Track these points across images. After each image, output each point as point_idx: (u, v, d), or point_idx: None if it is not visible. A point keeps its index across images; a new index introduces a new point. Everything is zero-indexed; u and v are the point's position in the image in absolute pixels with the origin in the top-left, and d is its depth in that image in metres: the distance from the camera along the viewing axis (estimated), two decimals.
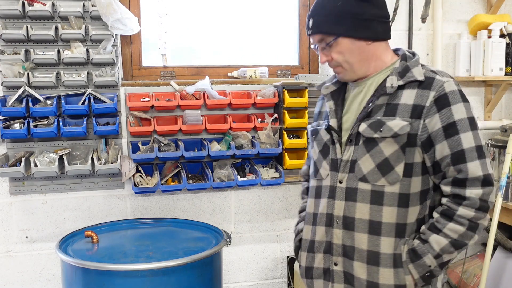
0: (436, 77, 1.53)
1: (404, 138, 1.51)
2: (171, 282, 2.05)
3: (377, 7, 1.57)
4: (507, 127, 2.85)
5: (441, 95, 1.50)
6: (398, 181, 1.52)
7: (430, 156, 1.52)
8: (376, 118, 1.54)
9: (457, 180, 1.49)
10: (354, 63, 1.59)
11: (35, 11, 2.48)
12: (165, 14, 2.83)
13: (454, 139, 1.48)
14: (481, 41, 3.00)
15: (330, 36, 1.56)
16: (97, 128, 2.52)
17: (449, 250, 1.50)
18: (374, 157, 1.54)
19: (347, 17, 1.54)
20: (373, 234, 1.55)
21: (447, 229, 1.49)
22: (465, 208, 1.48)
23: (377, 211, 1.54)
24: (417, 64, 1.58)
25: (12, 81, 2.47)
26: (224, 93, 2.75)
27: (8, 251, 2.66)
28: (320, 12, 1.57)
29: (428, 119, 1.50)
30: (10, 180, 2.61)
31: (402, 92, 1.54)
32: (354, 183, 1.57)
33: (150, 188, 2.59)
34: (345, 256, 1.59)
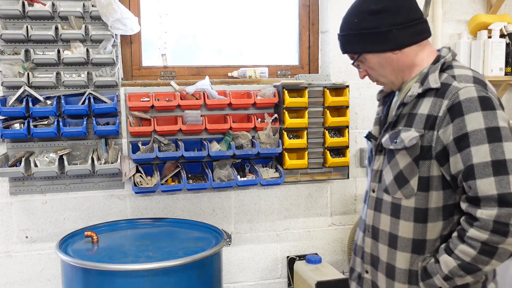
0: (453, 83, 1.42)
1: (416, 151, 1.44)
2: (171, 282, 2.05)
3: (394, 15, 1.49)
4: None
5: (454, 104, 1.39)
6: (413, 195, 1.46)
7: (447, 170, 1.42)
8: (398, 128, 1.50)
9: (470, 198, 1.38)
10: (388, 75, 1.55)
11: (35, 11, 2.48)
12: (165, 14, 2.83)
13: (465, 152, 1.36)
14: (481, 41, 3.01)
15: (355, 54, 1.56)
16: (97, 128, 2.52)
17: (458, 273, 1.40)
18: (392, 168, 1.50)
19: (364, 33, 1.51)
20: (391, 247, 1.52)
21: (458, 250, 1.39)
22: (477, 230, 1.35)
23: (395, 224, 1.50)
24: (436, 69, 1.48)
25: (12, 81, 2.47)
26: (224, 93, 2.75)
27: (8, 251, 2.66)
28: (343, 32, 1.56)
29: (441, 130, 1.40)
30: (10, 180, 2.61)
31: (422, 100, 1.47)
32: (381, 194, 1.55)
33: (150, 188, 2.59)
34: (372, 266, 1.60)
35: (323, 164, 2.87)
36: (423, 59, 1.53)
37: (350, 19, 1.54)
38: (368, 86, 3.01)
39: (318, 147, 2.85)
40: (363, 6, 1.51)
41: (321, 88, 2.82)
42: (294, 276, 2.89)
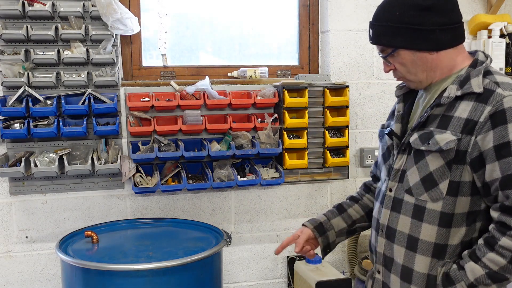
0: (497, 90, 1.38)
1: (450, 154, 1.40)
2: (171, 282, 2.05)
3: (440, 15, 1.43)
4: None
5: (497, 111, 1.35)
6: (441, 198, 1.42)
7: (480, 176, 1.39)
8: (429, 129, 1.45)
9: (504, 207, 1.35)
10: (418, 73, 1.50)
11: (35, 11, 2.48)
12: (165, 14, 2.83)
13: (506, 161, 1.33)
14: (481, 41, 3.00)
15: (389, 48, 1.49)
16: (97, 128, 2.52)
17: (485, 282, 1.37)
18: (420, 170, 1.45)
19: (406, 28, 1.44)
20: (409, 250, 1.48)
21: (486, 258, 1.36)
22: (509, 239, 1.33)
23: (417, 226, 1.46)
24: (479, 73, 1.43)
25: (12, 81, 2.47)
26: (224, 93, 2.75)
27: (8, 251, 2.66)
28: (379, 22, 1.49)
29: (480, 136, 1.37)
30: (10, 180, 2.61)
31: (460, 103, 1.42)
32: (401, 194, 1.50)
33: (150, 188, 2.59)
34: (385, 266, 1.56)
35: (323, 164, 2.87)
36: (457, 63, 1.49)
37: (391, 10, 1.46)
38: (368, 86, 3.01)
39: (318, 147, 2.85)
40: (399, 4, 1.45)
41: (321, 88, 2.82)
42: (294, 276, 2.89)
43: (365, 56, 2.99)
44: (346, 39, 2.96)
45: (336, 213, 1.77)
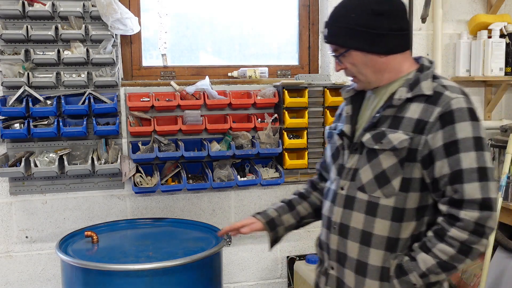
0: (445, 92, 1.48)
1: (403, 153, 1.48)
2: (171, 282, 2.05)
3: (391, 21, 1.52)
4: (507, 127, 2.85)
5: (446, 112, 1.45)
6: (394, 194, 1.50)
7: (430, 173, 1.47)
8: (381, 129, 1.52)
9: (453, 200, 1.44)
10: (368, 74, 1.57)
11: (35, 11, 2.48)
12: (165, 14, 2.83)
13: (454, 158, 1.43)
14: (481, 41, 3.00)
15: (342, 48, 1.55)
16: (97, 128, 2.52)
17: (435, 271, 1.46)
18: (373, 168, 1.52)
19: (360, 30, 1.51)
20: (363, 245, 1.54)
21: (436, 249, 1.44)
22: (458, 230, 1.42)
23: (370, 222, 1.53)
24: (428, 77, 1.53)
25: (12, 81, 2.47)
26: (224, 93, 2.75)
27: (8, 251, 2.66)
28: (335, 23, 1.56)
29: (430, 135, 1.45)
30: (10, 180, 2.61)
31: (410, 105, 1.50)
32: (353, 192, 1.56)
33: (150, 188, 2.59)
34: (338, 262, 1.61)
35: None
36: (404, 68, 1.57)
37: (347, 12, 1.54)
38: None
39: (318, 147, 2.85)
40: (364, 3, 1.52)
41: (321, 88, 2.82)
42: (294, 276, 2.89)
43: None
44: None
45: (287, 209, 1.85)
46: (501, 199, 2.60)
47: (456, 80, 3.14)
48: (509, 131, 2.80)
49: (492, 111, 3.22)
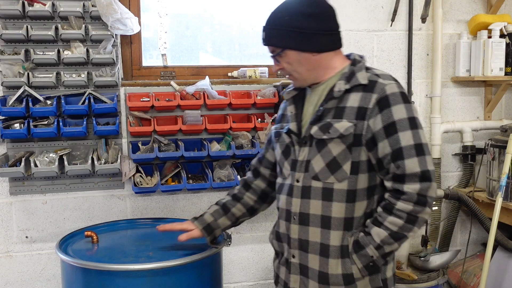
0: (379, 80, 1.65)
1: (350, 138, 1.63)
2: (171, 282, 2.04)
3: (322, 22, 1.67)
4: (507, 127, 2.85)
5: (382, 97, 1.62)
6: (346, 178, 1.64)
7: (374, 154, 1.63)
8: (326, 120, 1.67)
9: (396, 176, 1.60)
10: (303, 72, 1.71)
11: (35, 11, 2.48)
12: (165, 14, 2.83)
13: (393, 137, 1.59)
14: (481, 41, 3.00)
15: (278, 48, 1.70)
16: (97, 128, 2.52)
17: (388, 241, 1.61)
18: (324, 156, 1.66)
19: (293, 31, 1.66)
20: (324, 228, 1.67)
21: (387, 222, 1.60)
22: (404, 202, 1.58)
23: (328, 206, 1.66)
24: (362, 68, 1.70)
25: (12, 81, 2.47)
26: (224, 93, 2.75)
27: (8, 251, 2.66)
28: (271, 26, 1.71)
29: (371, 120, 1.62)
30: (10, 180, 2.61)
31: (349, 95, 1.66)
32: (308, 182, 1.69)
33: (150, 188, 2.59)
34: (301, 249, 1.73)
35: None
36: (337, 64, 1.73)
37: (281, 16, 1.68)
38: None
39: None
40: (296, 7, 1.67)
41: None
42: None
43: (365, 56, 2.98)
44: (346, 39, 2.92)
45: (222, 213, 2.03)
46: (501, 199, 2.60)
47: (456, 80, 3.14)
48: (509, 131, 2.80)
49: (492, 111, 3.22)
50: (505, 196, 2.67)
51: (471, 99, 3.21)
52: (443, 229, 3.19)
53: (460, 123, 3.16)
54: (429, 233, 3.06)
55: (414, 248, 3.07)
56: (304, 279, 1.74)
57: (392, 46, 3.03)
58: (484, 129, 3.19)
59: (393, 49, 3.03)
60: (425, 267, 2.74)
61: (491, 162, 2.87)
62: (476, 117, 3.22)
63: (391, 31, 3.02)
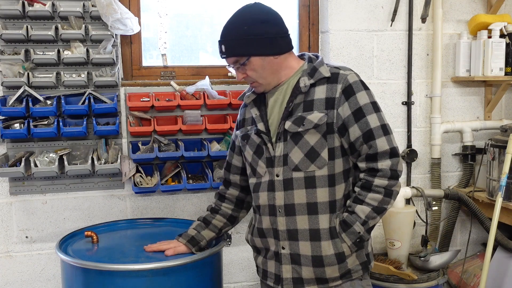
0: (340, 71, 1.80)
1: (324, 127, 1.76)
2: (171, 282, 2.04)
3: (277, 26, 1.81)
4: (507, 127, 2.85)
5: (346, 86, 1.77)
6: (325, 164, 1.77)
7: (346, 139, 1.77)
8: (298, 115, 1.78)
9: (369, 156, 1.76)
10: (267, 76, 1.81)
11: (35, 11, 2.48)
12: (165, 14, 2.83)
13: (362, 121, 1.75)
14: (481, 41, 3.00)
15: (243, 57, 1.78)
16: (97, 128, 2.52)
17: (372, 216, 1.76)
18: (301, 148, 1.77)
19: (255, 38, 1.76)
20: (311, 214, 1.78)
21: (368, 198, 1.76)
22: (380, 179, 1.75)
23: (312, 193, 1.78)
24: (322, 63, 1.82)
25: (12, 81, 2.47)
26: (224, 93, 2.76)
27: (8, 251, 2.66)
28: (230, 37, 1.79)
29: (340, 108, 1.76)
30: (10, 180, 2.61)
31: (314, 89, 1.79)
32: (289, 174, 1.79)
33: (150, 188, 2.59)
34: (290, 240, 1.82)
35: None
36: (294, 64, 1.86)
37: (239, 25, 1.78)
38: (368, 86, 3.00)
39: None
40: (251, 15, 1.79)
41: None
42: None
43: (365, 56, 2.99)
44: (346, 39, 2.96)
45: (203, 226, 2.12)
46: (501, 199, 2.60)
47: (456, 80, 3.14)
48: (509, 131, 2.80)
49: (492, 111, 3.22)
50: (505, 196, 2.67)
51: (471, 99, 3.21)
52: (443, 229, 3.19)
53: (460, 123, 3.16)
54: (429, 233, 3.06)
55: (414, 248, 3.07)
56: (297, 267, 1.82)
57: (392, 46, 3.03)
58: (484, 129, 3.19)
59: (393, 49, 3.03)
60: (425, 267, 2.73)
61: (491, 162, 2.86)
62: (476, 117, 3.22)
63: (391, 31, 3.02)
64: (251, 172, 1.93)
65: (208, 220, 2.13)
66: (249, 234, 2.01)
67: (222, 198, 2.15)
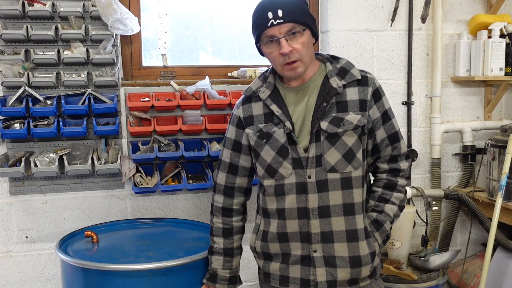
0: (368, 75, 1.83)
1: (359, 129, 1.78)
2: (171, 282, 2.04)
3: None
4: (507, 127, 2.85)
5: (375, 89, 1.81)
6: (360, 165, 1.79)
7: (373, 140, 1.84)
8: (332, 115, 1.76)
9: (393, 157, 1.85)
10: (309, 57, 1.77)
11: (35, 11, 2.48)
12: (165, 14, 2.83)
13: (388, 124, 1.83)
14: (481, 41, 3.00)
15: (301, 26, 1.71)
16: (97, 128, 2.52)
17: (398, 214, 1.85)
18: (339, 149, 1.76)
19: (309, 12, 1.76)
20: (348, 215, 1.78)
21: (393, 198, 1.84)
22: (402, 179, 1.86)
23: (349, 194, 1.77)
24: (353, 65, 1.84)
25: (12, 81, 2.47)
26: (224, 93, 2.76)
27: (8, 251, 2.66)
28: (291, 4, 1.71)
29: (371, 110, 1.80)
30: (10, 180, 2.61)
31: (345, 90, 1.78)
32: (323, 176, 1.76)
33: (150, 188, 2.59)
34: (324, 242, 1.78)
35: None
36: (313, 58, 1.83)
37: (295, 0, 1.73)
38: None
39: None
40: None
41: None
42: None
43: (365, 56, 2.99)
44: (346, 39, 2.96)
45: (230, 259, 2.00)
46: (501, 199, 2.60)
47: (456, 80, 3.14)
48: (509, 131, 2.80)
49: (492, 111, 3.22)
50: (505, 196, 2.67)
51: (471, 99, 3.21)
52: (443, 229, 3.19)
53: (460, 123, 3.16)
54: (429, 233, 3.06)
55: (414, 248, 3.07)
56: (331, 270, 1.79)
57: (392, 46, 3.03)
58: (484, 129, 3.19)
59: (393, 49, 3.03)
60: (425, 267, 2.73)
61: (491, 162, 2.87)
62: (476, 117, 3.22)
63: (391, 31, 3.02)
64: (267, 173, 1.83)
65: (229, 249, 2.00)
66: (257, 240, 1.92)
67: (229, 212, 1.99)
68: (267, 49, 1.76)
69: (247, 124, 1.86)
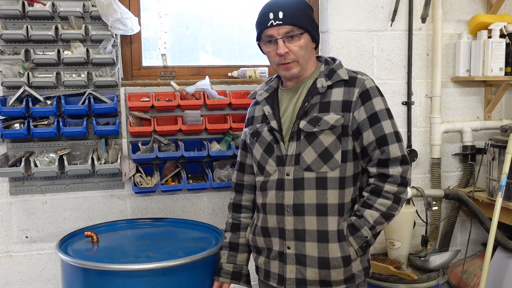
0: (358, 76, 1.81)
1: (339, 129, 1.76)
2: (171, 282, 2.04)
3: None
4: (507, 127, 2.85)
5: (363, 91, 1.77)
6: (338, 166, 1.76)
7: (359, 143, 1.78)
8: (313, 115, 1.78)
9: (381, 161, 1.76)
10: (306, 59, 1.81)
11: (35, 11, 2.48)
12: (165, 14, 2.83)
13: (377, 126, 1.75)
14: (481, 41, 3.00)
15: (300, 29, 1.76)
16: (97, 128, 2.52)
17: (380, 221, 1.76)
18: (315, 148, 1.77)
19: (311, 18, 1.81)
20: (320, 216, 1.77)
21: (377, 204, 1.75)
22: (390, 185, 1.74)
23: (323, 194, 1.77)
24: (341, 66, 1.84)
25: (12, 81, 2.47)
26: (224, 93, 2.76)
27: (8, 251, 2.66)
28: (292, 7, 1.77)
29: (356, 112, 1.76)
30: (10, 180, 2.61)
31: (331, 91, 1.80)
32: (300, 174, 1.78)
33: (150, 188, 2.59)
34: (297, 240, 1.80)
35: None
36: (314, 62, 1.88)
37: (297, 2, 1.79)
38: None
39: None
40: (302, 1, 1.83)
41: None
42: None
43: (365, 56, 2.99)
44: (346, 39, 2.96)
45: (234, 254, 2.04)
46: (501, 199, 2.60)
47: (456, 80, 3.14)
48: (509, 131, 2.80)
49: (492, 111, 3.22)
50: (505, 196, 2.67)
51: (471, 99, 3.21)
52: (443, 229, 3.19)
53: (460, 123, 3.16)
54: (429, 233, 3.06)
55: (414, 248, 3.07)
56: (301, 268, 1.81)
57: (392, 46, 3.03)
58: (484, 129, 3.19)
59: (393, 49, 3.03)
60: (425, 267, 2.73)
61: (491, 162, 2.87)
62: (476, 117, 3.22)
63: (391, 31, 3.02)
64: (258, 170, 1.91)
65: (234, 243, 2.04)
66: (250, 233, 1.99)
67: (238, 208, 2.06)
68: (265, 48, 1.84)
69: (249, 125, 1.99)
